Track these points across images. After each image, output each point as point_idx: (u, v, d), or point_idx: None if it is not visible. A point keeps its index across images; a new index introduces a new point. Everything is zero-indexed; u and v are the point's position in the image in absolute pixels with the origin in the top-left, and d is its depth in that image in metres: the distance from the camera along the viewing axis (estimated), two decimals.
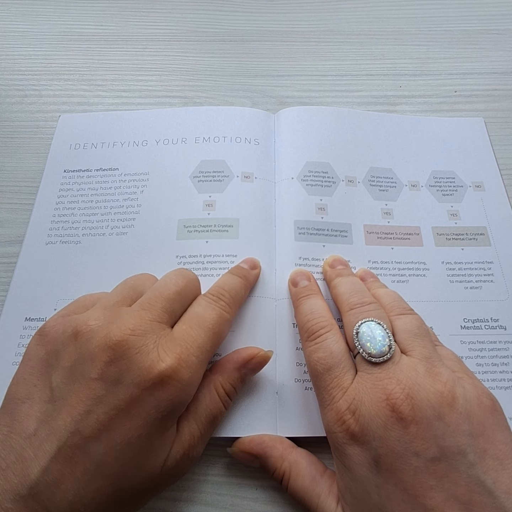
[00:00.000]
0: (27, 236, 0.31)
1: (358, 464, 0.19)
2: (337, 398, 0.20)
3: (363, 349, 0.21)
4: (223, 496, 0.24)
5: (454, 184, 0.34)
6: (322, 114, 0.36)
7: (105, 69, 0.41)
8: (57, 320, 0.22)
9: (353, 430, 0.19)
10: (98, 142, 0.35)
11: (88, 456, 0.18)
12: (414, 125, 0.36)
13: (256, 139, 0.34)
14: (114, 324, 0.20)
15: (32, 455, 0.18)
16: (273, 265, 0.29)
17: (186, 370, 0.20)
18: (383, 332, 0.21)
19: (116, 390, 0.19)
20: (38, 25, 0.44)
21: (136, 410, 0.19)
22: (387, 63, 0.41)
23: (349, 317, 0.23)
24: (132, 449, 0.18)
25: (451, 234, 0.31)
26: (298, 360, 0.26)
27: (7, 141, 0.37)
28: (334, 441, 0.20)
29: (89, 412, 0.18)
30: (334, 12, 0.44)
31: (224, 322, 0.23)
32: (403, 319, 0.23)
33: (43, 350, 0.21)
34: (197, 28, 0.44)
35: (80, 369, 0.19)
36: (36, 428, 0.18)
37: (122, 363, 0.19)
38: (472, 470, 0.17)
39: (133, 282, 0.24)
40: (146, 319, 0.21)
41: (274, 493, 0.24)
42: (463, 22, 0.43)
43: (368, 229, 0.31)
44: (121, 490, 0.18)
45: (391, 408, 0.19)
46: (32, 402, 0.19)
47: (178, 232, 0.30)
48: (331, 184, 0.32)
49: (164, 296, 0.22)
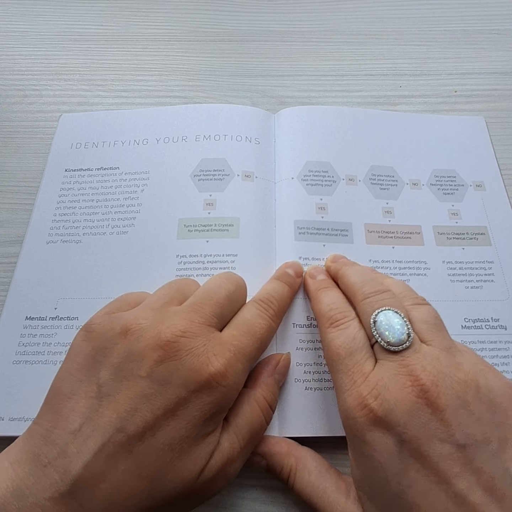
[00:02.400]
0: (28, 235, 0.31)
1: (378, 451, 0.19)
2: (358, 383, 0.20)
3: (382, 338, 0.21)
4: (223, 496, 0.24)
5: (455, 183, 0.33)
6: (322, 113, 0.35)
7: (105, 69, 0.41)
8: (103, 317, 0.22)
9: (376, 414, 0.19)
10: (99, 141, 0.35)
11: (130, 454, 0.18)
12: (415, 123, 0.36)
13: (257, 138, 0.34)
14: (164, 325, 0.20)
15: (75, 451, 0.18)
16: (273, 265, 0.29)
17: (232, 376, 0.20)
18: (401, 320, 0.21)
19: (164, 390, 0.19)
20: (38, 25, 0.44)
21: (181, 411, 0.19)
22: (387, 63, 0.41)
23: (364, 307, 0.23)
24: (173, 450, 0.18)
25: (452, 233, 0.31)
26: (298, 360, 0.26)
27: (7, 141, 0.37)
28: (352, 428, 0.20)
29: (135, 410, 0.18)
30: (334, 12, 0.44)
31: (271, 332, 0.24)
32: (420, 309, 0.23)
33: (90, 346, 0.20)
34: (197, 28, 0.44)
35: (128, 367, 0.19)
36: (81, 424, 0.18)
37: (172, 364, 0.19)
38: (495, 458, 0.17)
39: (179, 284, 0.24)
40: (196, 322, 0.21)
41: (274, 493, 0.24)
42: (463, 22, 0.43)
43: (368, 228, 0.31)
44: (154, 495, 0.18)
45: (417, 394, 0.18)
46: (78, 397, 0.19)
47: (179, 231, 0.30)
48: (331, 183, 0.32)
49: (214, 300, 0.22)
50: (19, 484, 0.17)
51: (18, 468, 0.18)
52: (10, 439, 0.20)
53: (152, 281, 0.28)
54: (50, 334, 0.27)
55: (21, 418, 0.25)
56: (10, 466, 0.18)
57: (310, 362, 0.26)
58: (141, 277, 0.29)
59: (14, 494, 0.17)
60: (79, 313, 0.28)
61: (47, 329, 0.28)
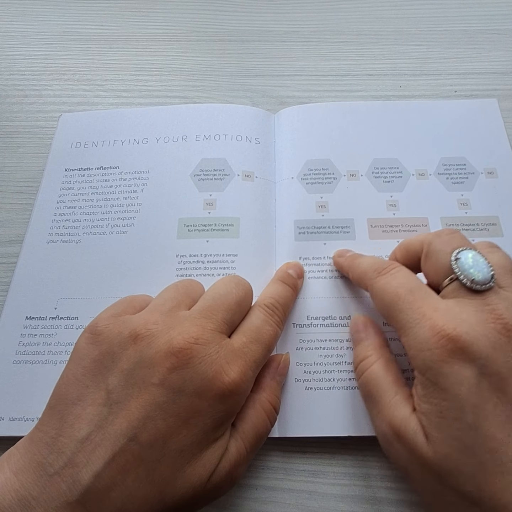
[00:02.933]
0: (28, 235, 0.31)
1: (455, 383, 0.18)
2: (429, 315, 0.19)
3: (465, 275, 0.20)
4: (223, 496, 0.24)
5: (465, 171, 0.32)
6: (322, 110, 0.35)
7: (105, 69, 0.41)
8: (108, 320, 0.21)
9: (456, 345, 0.18)
10: (99, 140, 0.35)
11: (142, 463, 0.17)
12: (422, 110, 0.35)
13: (257, 138, 0.34)
14: (175, 330, 0.20)
15: (84, 460, 0.17)
16: (273, 265, 0.29)
17: (244, 384, 0.20)
18: (485, 260, 0.20)
19: (177, 398, 0.18)
20: (38, 25, 0.44)
21: (194, 419, 0.18)
22: (387, 63, 0.41)
23: (439, 246, 0.22)
24: (183, 457, 0.18)
25: (461, 224, 0.30)
26: (298, 360, 0.26)
27: (7, 141, 0.37)
28: (427, 360, 0.19)
29: (147, 418, 0.18)
30: (334, 12, 0.44)
31: (278, 338, 0.24)
32: (496, 254, 0.22)
33: (97, 350, 0.20)
34: (197, 28, 0.44)
35: (139, 374, 0.19)
36: (89, 432, 0.18)
37: (185, 372, 0.19)
38: None
39: (186, 287, 0.24)
40: (208, 329, 0.20)
41: (274, 493, 0.24)
42: (463, 22, 0.43)
43: (372, 222, 0.30)
44: (165, 500, 0.18)
45: (501, 331, 0.18)
46: (85, 404, 0.19)
47: (179, 231, 0.30)
48: (331, 180, 0.32)
49: (225, 307, 0.22)
50: (25, 494, 0.17)
51: (22, 478, 0.17)
52: (10, 439, 0.20)
53: (152, 281, 0.29)
54: (50, 334, 0.27)
55: (21, 418, 0.25)
56: (13, 475, 0.17)
57: (310, 362, 0.26)
58: (141, 277, 0.29)
59: (21, 505, 0.16)
60: (79, 313, 0.28)
61: (47, 329, 0.28)
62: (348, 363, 0.26)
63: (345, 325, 0.27)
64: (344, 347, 0.26)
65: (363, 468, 0.24)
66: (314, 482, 0.24)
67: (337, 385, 0.25)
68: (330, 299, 0.28)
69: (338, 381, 0.25)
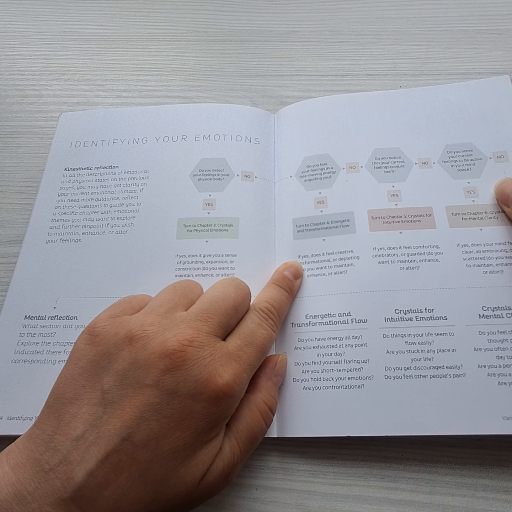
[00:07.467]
0: (27, 234, 0.31)
1: None
2: None
3: None
4: (223, 496, 0.24)
5: (472, 158, 0.30)
6: (321, 105, 0.35)
7: (105, 69, 0.41)
8: (106, 321, 0.21)
9: None
10: (98, 139, 0.35)
11: (135, 462, 0.18)
12: (425, 96, 0.34)
13: (257, 138, 0.34)
14: (170, 332, 0.20)
15: (78, 458, 0.17)
16: (273, 265, 0.29)
17: (238, 386, 0.20)
18: None
19: (171, 400, 0.19)
20: (38, 25, 0.44)
21: (187, 421, 0.19)
22: (387, 63, 0.40)
23: None
24: (177, 457, 0.18)
25: (468, 213, 0.28)
26: (296, 360, 0.26)
27: (7, 141, 0.37)
28: None
29: (141, 419, 0.18)
30: (334, 12, 0.44)
31: (272, 342, 0.24)
32: None
33: (94, 350, 0.20)
34: (197, 28, 0.44)
35: (134, 375, 0.19)
36: (84, 431, 0.18)
37: (179, 373, 0.19)
38: None
39: (183, 288, 0.24)
40: (203, 332, 0.21)
41: (274, 493, 0.24)
42: (463, 22, 0.43)
43: (372, 214, 0.29)
44: (158, 499, 0.18)
45: None
46: (81, 403, 0.19)
47: (178, 231, 0.30)
48: (330, 175, 0.31)
49: (222, 310, 0.22)
50: (20, 489, 0.17)
51: (19, 473, 0.18)
52: (9, 438, 0.20)
53: (151, 281, 0.29)
54: (49, 333, 0.27)
55: (19, 417, 0.25)
56: (11, 470, 0.18)
57: (308, 362, 0.26)
58: (140, 277, 0.29)
59: (16, 499, 0.17)
60: (78, 312, 0.28)
61: (46, 328, 0.28)
62: (347, 361, 0.26)
63: (344, 322, 0.27)
64: (343, 345, 0.26)
65: (363, 468, 0.24)
66: (313, 482, 0.24)
67: (336, 384, 0.25)
68: (329, 296, 0.27)
69: (336, 380, 0.25)
